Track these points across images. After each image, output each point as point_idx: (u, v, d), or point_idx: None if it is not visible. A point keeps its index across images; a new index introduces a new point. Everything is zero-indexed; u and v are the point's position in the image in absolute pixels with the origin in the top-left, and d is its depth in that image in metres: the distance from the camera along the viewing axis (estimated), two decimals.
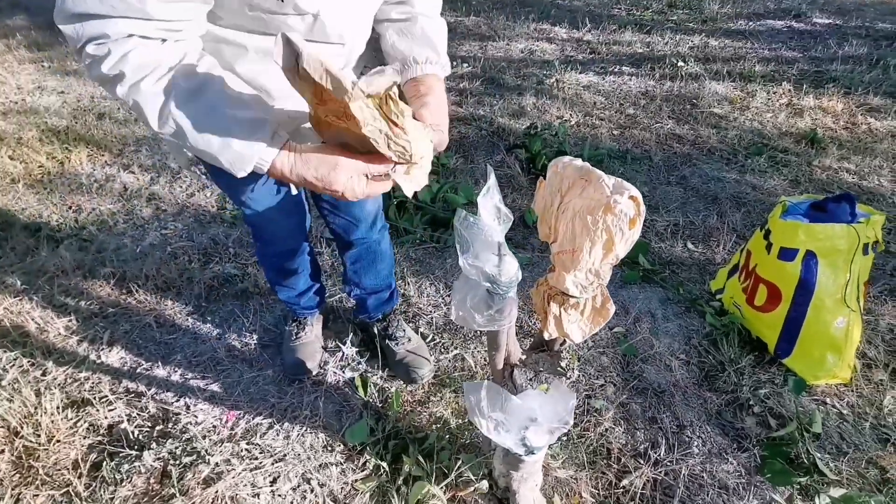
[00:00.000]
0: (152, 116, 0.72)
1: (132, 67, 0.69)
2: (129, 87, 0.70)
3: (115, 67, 0.69)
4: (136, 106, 0.72)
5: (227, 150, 0.74)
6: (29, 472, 1.34)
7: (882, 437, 1.41)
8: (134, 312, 1.82)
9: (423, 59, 0.96)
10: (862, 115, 3.00)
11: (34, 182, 2.50)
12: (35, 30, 4.58)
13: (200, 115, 0.73)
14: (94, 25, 0.68)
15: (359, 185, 0.79)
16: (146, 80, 0.70)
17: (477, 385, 0.87)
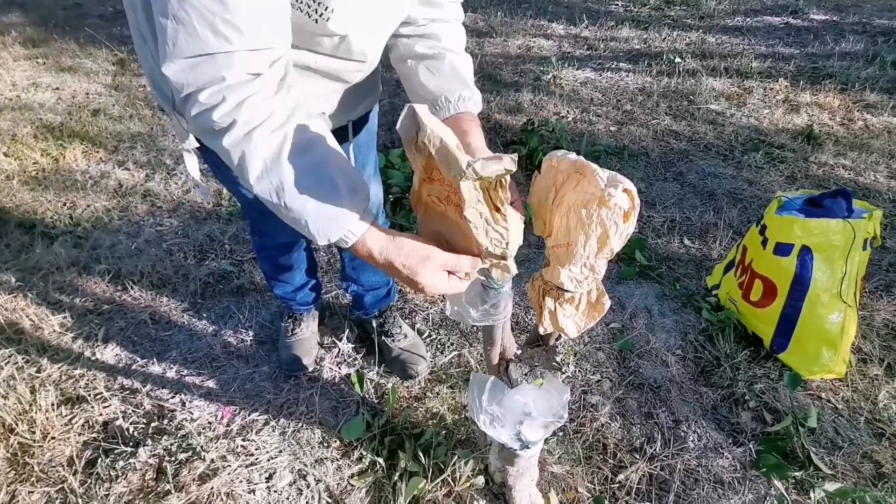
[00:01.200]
0: (254, 170, 0.67)
1: (246, 117, 0.66)
2: (240, 138, 0.66)
3: (227, 116, 0.65)
4: (241, 157, 0.67)
5: (319, 214, 0.70)
6: (24, 469, 1.33)
7: (877, 431, 1.41)
8: (129, 309, 1.81)
9: (455, 98, 0.94)
10: (858, 112, 3.00)
11: (29, 179, 2.49)
12: (30, 26, 4.55)
13: (304, 174, 0.69)
14: (210, 67, 0.63)
15: (442, 281, 0.76)
16: (259, 131, 0.66)
17: (483, 378, 0.87)
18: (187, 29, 0.62)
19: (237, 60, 0.64)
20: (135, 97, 3.32)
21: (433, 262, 0.75)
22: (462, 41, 1.00)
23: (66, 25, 4.63)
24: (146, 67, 0.91)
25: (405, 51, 0.97)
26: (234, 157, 0.67)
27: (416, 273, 0.74)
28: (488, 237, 0.73)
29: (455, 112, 0.93)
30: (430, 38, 0.96)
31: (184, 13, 0.61)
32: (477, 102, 0.96)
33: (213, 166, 1.12)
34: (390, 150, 2.59)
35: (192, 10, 0.61)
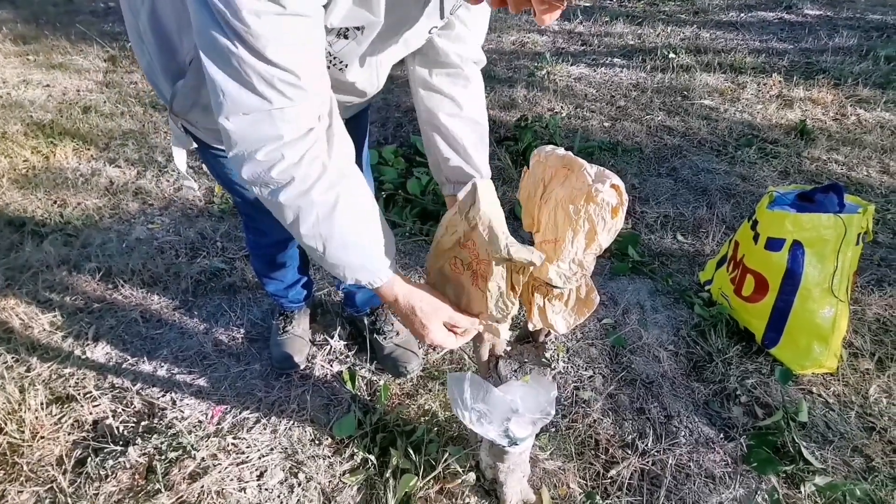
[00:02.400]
0: (307, 224, 0.72)
1: (303, 174, 0.69)
2: (297, 194, 0.70)
3: (286, 173, 0.68)
4: (297, 212, 0.71)
5: (357, 266, 0.79)
6: (13, 469, 1.32)
7: (867, 425, 1.42)
8: (120, 307, 1.80)
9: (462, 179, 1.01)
10: (851, 107, 3.01)
11: (19, 177, 2.47)
12: (21, 23, 4.51)
13: (350, 231, 0.76)
14: (269, 125, 0.65)
15: (444, 333, 0.87)
16: (316, 189, 0.70)
17: (460, 376, 0.87)
18: (247, 87, 0.63)
19: (294, 116, 0.66)
20: (126, 94, 3.30)
21: (443, 314, 0.86)
22: (482, 102, 1.05)
23: (56, 22, 4.60)
24: (143, 64, 0.92)
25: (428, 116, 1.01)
26: (289, 212, 0.72)
27: (429, 321, 0.84)
28: (496, 306, 0.85)
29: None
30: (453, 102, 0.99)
31: (245, 74, 0.62)
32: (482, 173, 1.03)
33: (210, 165, 1.11)
34: (384, 147, 2.58)
35: (250, 71, 0.62)
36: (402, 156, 2.54)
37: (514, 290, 0.84)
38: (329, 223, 0.73)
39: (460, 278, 0.89)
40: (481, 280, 0.84)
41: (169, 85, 0.89)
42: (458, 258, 0.88)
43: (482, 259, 0.83)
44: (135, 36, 0.88)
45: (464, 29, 0.95)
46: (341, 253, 0.76)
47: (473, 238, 0.83)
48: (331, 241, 0.75)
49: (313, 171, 0.69)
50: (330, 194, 0.72)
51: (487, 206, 0.80)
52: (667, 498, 1.27)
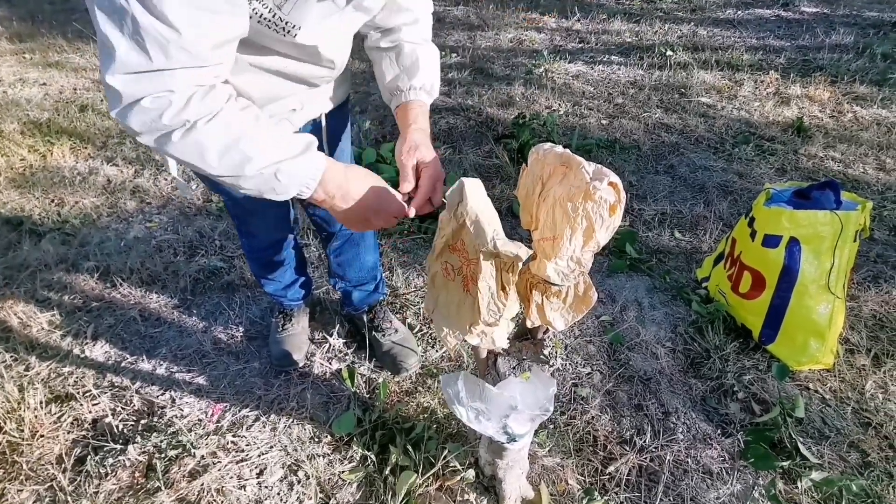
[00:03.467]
0: (213, 154, 0.71)
1: (195, 113, 0.68)
2: (190, 131, 0.69)
3: (177, 116, 0.67)
4: (196, 146, 0.70)
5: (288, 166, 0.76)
6: (13, 468, 1.32)
7: (863, 421, 1.43)
8: (118, 306, 1.80)
9: (406, 87, 0.99)
10: (848, 104, 3.02)
11: (16, 175, 2.47)
12: (17, 21, 4.49)
13: (260, 139, 0.74)
14: (158, 80, 0.65)
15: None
16: (211, 121, 0.70)
17: (453, 376, 0.88)
18: (139, 48, 0.63)
19: (185, 74, 0.67)
20: None
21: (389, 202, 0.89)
22: (426, 31, 1.05)
23: (53, 20, 4.58)
24: None
25: (371, 43, 1.03)
26: (189, 149, 0.71)
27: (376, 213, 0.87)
28: (488, 308, 0.84)
29: (405, 101, 0.99)
30: (392, 31, 1.01)
31: (139, 37, 0.62)
32: (429, 91, 1.01)
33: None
34: (382, 145, 2.57)
35: (146, 36, 0.62)
36: None
37: (505, 291, 0.84)
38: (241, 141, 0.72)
39: (448, 285, 0.89)
40: (472, 283, 0.84)
41: None
42: (448, 263, 0.88)
43: (471, 259, 0.83)
44: None
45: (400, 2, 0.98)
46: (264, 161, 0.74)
47: (462, 237, 0.83)
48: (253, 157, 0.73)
49: (206, 109, 0.69)
50: (221, 118, 0.71)
51: (475, 202, 0.80)
52: (664, 494, 1.28)
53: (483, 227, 0.77)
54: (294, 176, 0.77)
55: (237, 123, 0.72)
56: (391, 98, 1.02)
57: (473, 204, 0.79)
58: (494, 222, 0.82)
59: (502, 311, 0.85)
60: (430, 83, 1.01)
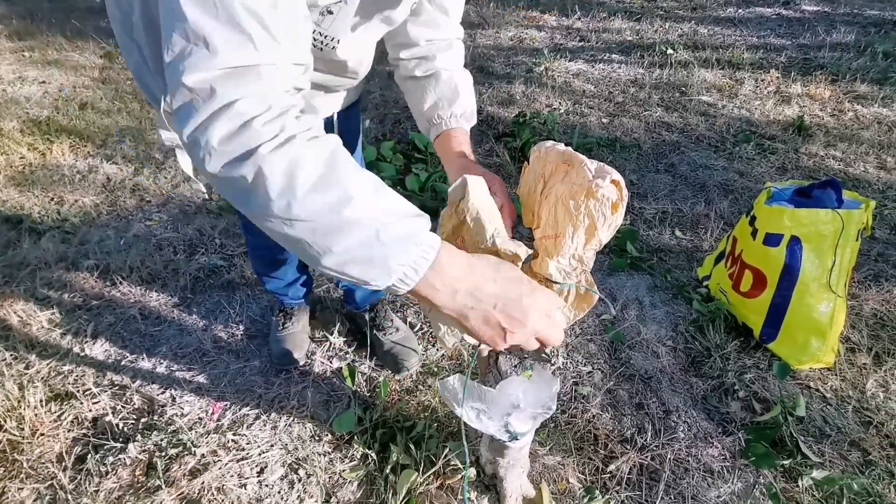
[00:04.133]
0: (305, 178, 0.53)
1: (292, 126, 0.54)
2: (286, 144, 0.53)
3: (273, 123, 0.53)
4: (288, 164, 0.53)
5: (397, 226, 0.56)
6: (13, 466, 1.32)
7: (864, 420, 1.43)
8: (118, 304, 1.79)
9: (447, 115, 0.96)
10: (849, 103, 3.01)
11: (15, 174, 2.46)
12: (16, 19, 4.48)
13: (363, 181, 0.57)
14: (253, 78, 0.53)
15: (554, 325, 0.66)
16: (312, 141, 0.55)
17: (448, 381, 0.87)
18: (240, 34, 0.53)
19: (282, 73, 0.56)
20: (122, 91, 3.29)
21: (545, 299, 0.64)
22: (460, 59, 1.02)
23: (52, 18, 4.57)
24: (131, 62, 0.90)
25: (404, 72, 1.00)
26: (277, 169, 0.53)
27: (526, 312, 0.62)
28: None
29: (446, 129, 0.96)
30: (426, 59, 0.98)
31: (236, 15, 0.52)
32: (468, 117, 0.98)
33: None
34: (382, 143, 2.57)
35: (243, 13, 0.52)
36: (400, 152, 2.54)
37: None
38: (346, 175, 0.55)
39: None
40: None
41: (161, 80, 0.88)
42: None
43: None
44: (125, 31, 0.85)
45: (437, 14, 0.95)
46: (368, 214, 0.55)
47: (462, 233, 0.83)
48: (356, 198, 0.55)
49: (306, 124, 0.57)
50: (327, 143, 0.57)
51: (477, 199, 0.79)
52: (665, 492, 1.28)
53: (483, 225, 0.77)
54: (401, 242, 0.56)
55: (341, 155, 0.57)
56: (430, 127, 0.99)
57: (475, 201, 0.79)
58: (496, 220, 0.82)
59: None
60: (471, 110, 0.99)
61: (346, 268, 0.57)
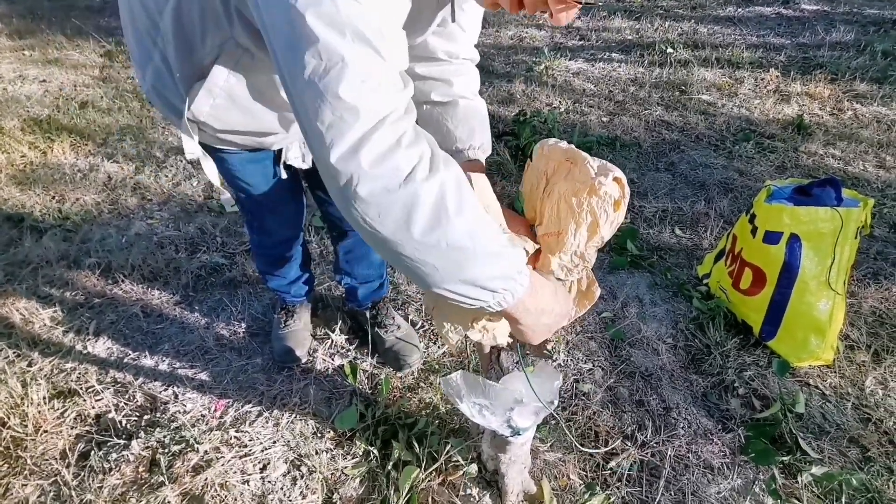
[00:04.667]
0: (447, 208, 0.59)
1: (429, 155, 0.59)
2: (427, 177, 0.58)
3: (412, 154, 0.57)
4: (438, 197, 0.58)
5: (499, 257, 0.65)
6: (17, 463, 1.33)
7: (863, 416, 1.44)
8: (120, 302, 1.80)
9: (466, 147, 0.96)
10: (848, 101, 3.02)
11: (17, 172, 2.46)
12: (16, 18, 4.48)
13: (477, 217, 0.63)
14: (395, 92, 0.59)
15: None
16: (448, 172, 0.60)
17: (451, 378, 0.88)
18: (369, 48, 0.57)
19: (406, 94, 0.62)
20: (123, 89, 3.29)
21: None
22: (475, 85, 1.03)
23: (52, 17, 4.57)
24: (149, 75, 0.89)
25: (420, 96, 0.99)
26: (429, 198, 0.58)
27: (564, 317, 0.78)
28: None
29: (464, 161, 0.97)
30: (444, 83, 0.98)
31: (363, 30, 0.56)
32: (486, 150, 1.00)
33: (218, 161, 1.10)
34: None
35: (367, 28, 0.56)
36: None
37: None
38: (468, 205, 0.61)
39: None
40: None
41: (185, 89, 0.87)
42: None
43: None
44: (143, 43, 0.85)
45: (457, 28, 0.95)
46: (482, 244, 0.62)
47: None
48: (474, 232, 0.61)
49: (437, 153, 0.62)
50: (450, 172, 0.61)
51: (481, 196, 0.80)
52: (666, 489, 1.29)
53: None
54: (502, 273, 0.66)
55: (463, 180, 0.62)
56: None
57: (479, 197, 0.80)
58: (499, 218, 0.82)
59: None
60: (488, 142, 1.00)
61: (460, 290, 0.64)
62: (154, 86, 0.90)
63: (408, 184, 0.57)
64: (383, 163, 0.57)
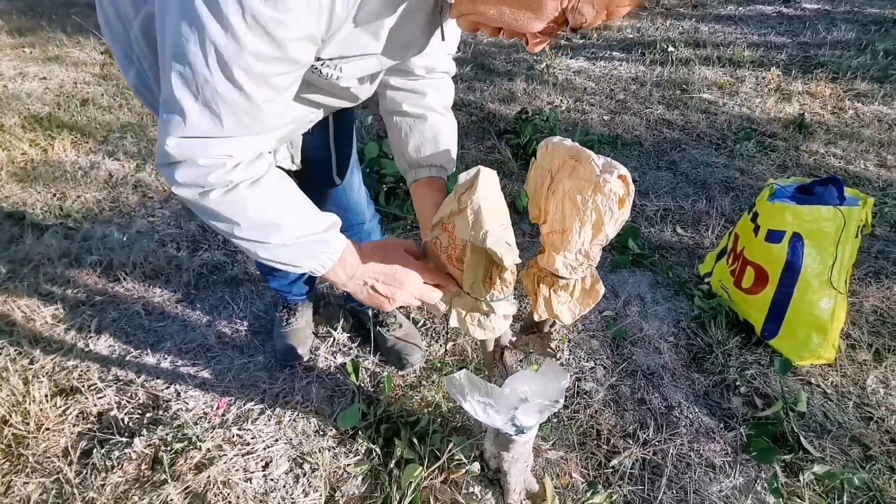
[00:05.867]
0: (246, 217, 0.72)
1: (240, 176, 0.69)
2: (231, 191, 0.70)
3: (224, 176, 0.68)
4: (231, 207, 0.71)
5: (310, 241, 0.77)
6: (18, 461, 1.33)
7: (865, 415, 1.44)
8: (122, 300, 1.80)
9: (428, 164, 0.99)
10: (849, 100, 3.02)
11: (17, 170, 2.46)
12: (16, 15, 4.47)
13: (292, 212, 0.76)
14: (221, 145, 0.66)
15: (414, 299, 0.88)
16: (252, 186, 0.71)
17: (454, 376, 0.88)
18: (212, 114, 0.63)
19: (248, 144, 0.68)
20: (123, 87, 3.28)
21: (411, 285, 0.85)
22: (449, 99, 1.03)
23: (52, 14, 4.56)
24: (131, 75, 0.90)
25: (392, 105, 1.00)
26: (222, 209, 0.71)
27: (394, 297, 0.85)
28: (472, 287, 0.86)
29: (427, 176, 0.99)
30: (417, 94, 0.99)
31: (214, 104, 0.63)
32: (449, 169, 1.01)
33: None
34: (384, 140, 2.57)
35: (222, 104, 0.63)
36: None
37: (491, 281, 0.86)
38: (272, 208, 0.73)
39: (441, 258, 0.91)
40: (455, 263, 0.87)
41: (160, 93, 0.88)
42: (438, 239, 0.89)
43: (457, 244, 0.84)
44: (122, 48, 0.86)
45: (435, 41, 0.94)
46: (290, 232, 0.75)
47: (455, 221, 0.84)
48: (281, 225, 0.74)
49: (251, 174, 0.71)
50: (260, 184, 0.72)
51: (484, 193, 0.79)
52: (668, 487, 1.29)
53: (481, 222, 0.77)
54: (313, 254, 0.78)
55: (275, 193, 0.74)
56: (409, 169, 1.01)
57: (482, 194, 0.79)
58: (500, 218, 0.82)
59: (483, 295, 0.87)
60: (452, 162, 1.02)
61: (273, 264, 0.79)
62: (136, 86, 0.92)
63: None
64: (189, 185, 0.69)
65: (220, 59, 0.59)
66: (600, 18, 0.68)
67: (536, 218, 0.91)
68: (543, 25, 0.68)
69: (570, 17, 0.66)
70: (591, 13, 0.66)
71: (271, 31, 0.58)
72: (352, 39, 0.71)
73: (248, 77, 0.61)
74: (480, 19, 0.70)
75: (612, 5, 0.67)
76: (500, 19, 0.68)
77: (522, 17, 0.66)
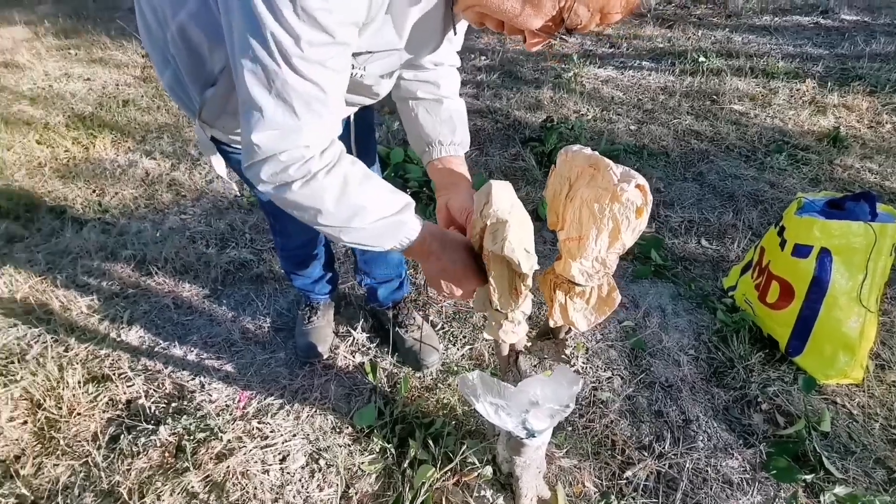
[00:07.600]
0: (329, 204, 0.75)
1: (317, 165, 0.72)
2: (310, 182, 0.73)
3: (302, 167, 0.71)
4: (313, 196, 0.74)
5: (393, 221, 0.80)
6: (50, 443, 1.39)
7: (892, 438, 1.39)
8: (153, 293, 1.87)
9: (447, 142, 1.03)
10: (887, 115, 2.93)
11: (60, 166, 2.58)
12: (62, 18, 4.68)
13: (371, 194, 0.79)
14: (297, 135, 0.69)
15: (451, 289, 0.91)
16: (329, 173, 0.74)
17: (467, 376, 0.89)
18: (286, 106, 0.67)
19: (320, 129, 0.71)
20: (162, 89, 3.40)
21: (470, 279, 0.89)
22: (457, 87, 1.09)
23: (97, 17, 4.76)
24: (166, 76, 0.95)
25: (405, 93, 1.06)
26: (303, 197, 0.74)
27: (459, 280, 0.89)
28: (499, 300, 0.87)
29: (446, 155, 1.04)
30: (431, 83, 1.04)
31: (286, 94, 0.66)
32: (465, 146, 1.06)
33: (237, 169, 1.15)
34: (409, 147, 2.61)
35: (293, 93, 0.66)
36: None
37: (517, 292, 0.86)
38: (358, 192, 0.76)
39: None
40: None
41: (197, 94, 0.92)
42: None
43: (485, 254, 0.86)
44: (159, 49, 0.91)
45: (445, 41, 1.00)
46: (376, 214, 0.78)
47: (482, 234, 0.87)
48: (368, 209, 0.77)
49: (326, 162, 0.74)
50: (338, 171, 0.75)
51: (500, 205, 0.82)
52: (683, 501, 1.27)
53: (497, 231, 0.80)
54: (396, 231, 0.81)
55: (350, 178, 0.76)
56: (427, 149, 1.05)
57: (498, 206, 0.81)
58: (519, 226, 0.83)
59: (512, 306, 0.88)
60: (466, 139, 1.06)
61: (360, 245, 0.82)
62: (171, 86, 0.96)
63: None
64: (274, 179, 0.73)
65: (283, 52, 0.63)
66: (594, 21, 0.73)
67: (554, 224, 0.92)
68: (542, 23, 0.72)
69: (566, 16, 0.70)
70: (585, 15, 0.71)
71: (321, 20, 0.63)
72: (381, 33, 0.77)
73: (308, 64, 0.65)
74: (485, 10, 0.74)
75: (606, 9, 0.71)
76: (502, 11, 0.72)
77: (523, 11, 0.70)
